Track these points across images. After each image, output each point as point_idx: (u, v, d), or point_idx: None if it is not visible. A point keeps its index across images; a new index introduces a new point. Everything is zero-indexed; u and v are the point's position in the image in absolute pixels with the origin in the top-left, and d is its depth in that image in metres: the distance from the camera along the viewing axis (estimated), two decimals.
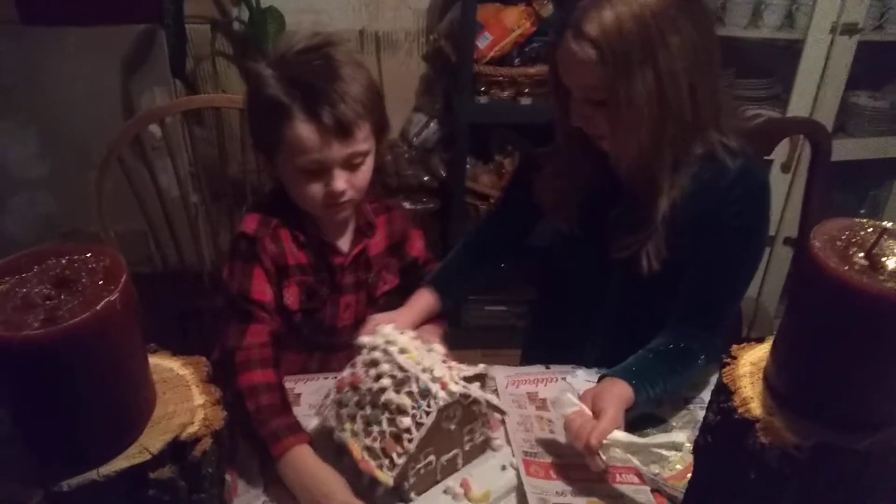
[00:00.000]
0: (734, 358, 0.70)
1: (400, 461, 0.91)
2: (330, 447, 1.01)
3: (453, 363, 1.01)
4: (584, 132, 1.13)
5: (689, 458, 0.96)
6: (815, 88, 2.14)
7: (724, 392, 0.67)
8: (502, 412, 1.04)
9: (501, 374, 1.23)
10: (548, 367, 1.26)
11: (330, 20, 2.28)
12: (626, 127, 1.05)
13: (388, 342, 1.01)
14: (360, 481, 0.96)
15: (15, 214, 2.12)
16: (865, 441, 0.60)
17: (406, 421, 0.92)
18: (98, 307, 0.55)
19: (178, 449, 0.60)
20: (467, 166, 2.20)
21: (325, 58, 1.09)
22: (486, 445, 1.05)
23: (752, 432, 0.63)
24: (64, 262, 0.60)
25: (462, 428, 0.99)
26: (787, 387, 0.64)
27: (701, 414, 1.08)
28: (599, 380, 1.09)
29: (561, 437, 1.08)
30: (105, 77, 2.02)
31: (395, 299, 1.32)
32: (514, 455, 1.05)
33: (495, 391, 1.18)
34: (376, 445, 0.94)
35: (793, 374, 0.64)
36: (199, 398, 0.64)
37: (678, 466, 1.03)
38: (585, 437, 0.95)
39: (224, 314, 1.16)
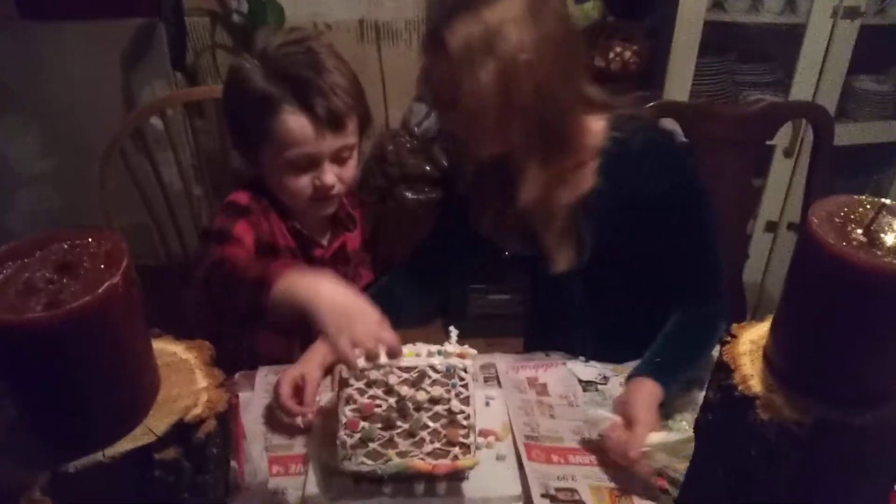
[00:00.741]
0: (734, 336, 0.71)
1: (471, 440, 0.91)
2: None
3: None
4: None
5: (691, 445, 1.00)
6: (817, 73, 2.14)
7: (724, 370, 0.67)
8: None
9: (501, 360, 1.23)
10: (547, 355, 1.26)
11: (329, 10, 2.28)
12: (477, 124, 1.04)
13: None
14: (434, 490, 0.94)
15: (19, 210, 2.14)
16: (864, 416, 0.61)
17: (453, 405, 0.92)
18: (100, 290, 0.55)
19: (182, 431, 0.61)
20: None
21: (309, 50, 1.09)
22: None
23: (752, 409, 0.63)
24: (65, 247, 0.60)
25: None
26: (787, 363, 0.65)
27: (699, 396, 1.10)
28: (627, 380, 1.09)
29: (560, 422, 1.09)
30: (105, 71, 2.03)
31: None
32: (515, 440, 1.06)
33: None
34: (437, 445, 0.91)
35: (792, 350, 0.65)
36: (202, 381, 0.65)
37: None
38: (623, 451, 0.97)
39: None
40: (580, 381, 1.18)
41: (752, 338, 0.71)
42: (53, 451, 0.59)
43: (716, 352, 1.14)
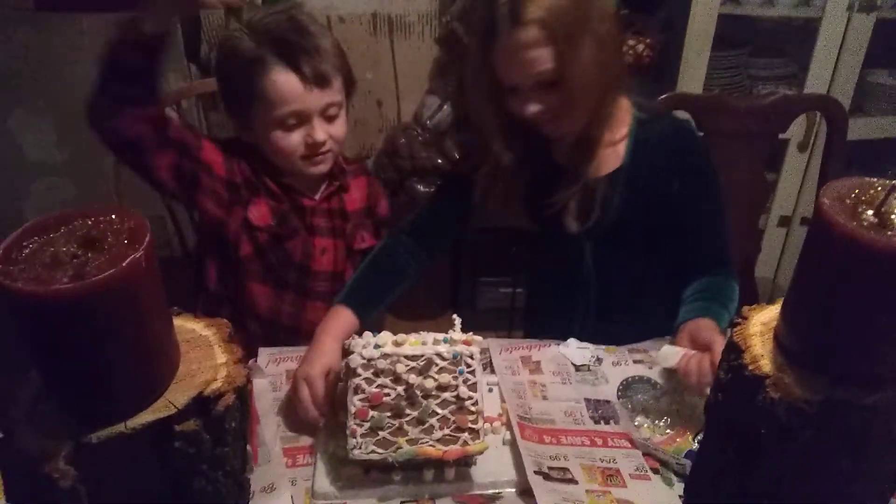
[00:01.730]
0: (745, 318, 0.72)
1: (479, 425, 0.94)
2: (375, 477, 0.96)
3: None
4: (519, 125, 1.17)
5: (679, 423, 1.06)
6: (831, 67, 2.13)
7: (734, 350, 0.68)
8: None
9: (495, 343, 1.25)
10: (541, 340, 1.27)
11: (342, 3, 2.29)
12: (581, 97, 1.11)
13: (378, 346, 0.97)
14: (443, 476, 0.96)
15: (34, 200, 2.17)
16: (873, 396, 0.61)
17: (461, 391, 0.93)
18: (124, 264, 0.57)
19: (202, 404, 0.62)
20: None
21: (292, 18, 1.16)
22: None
23: (763, 388, 0.64)
24: (90, 222, 0.62)
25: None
26: (797, 343, 0.66)
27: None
28: (675, 328, 1.15)
29: (552, 404, 1.11)
30: None
31: None
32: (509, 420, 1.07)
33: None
34: (447, 431, 0.93)
35: (802, 330, 0.66)
36: (221, 357, 0.67)
37: (668, 431, 1.06)
38: (710, 370, 1.00)
39: None
40: (573, 364, 1.20)
41: (763, 319, 0.72)
42: (76, 422, 0.61)
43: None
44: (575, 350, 1.22)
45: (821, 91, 2.14)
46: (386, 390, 0.94)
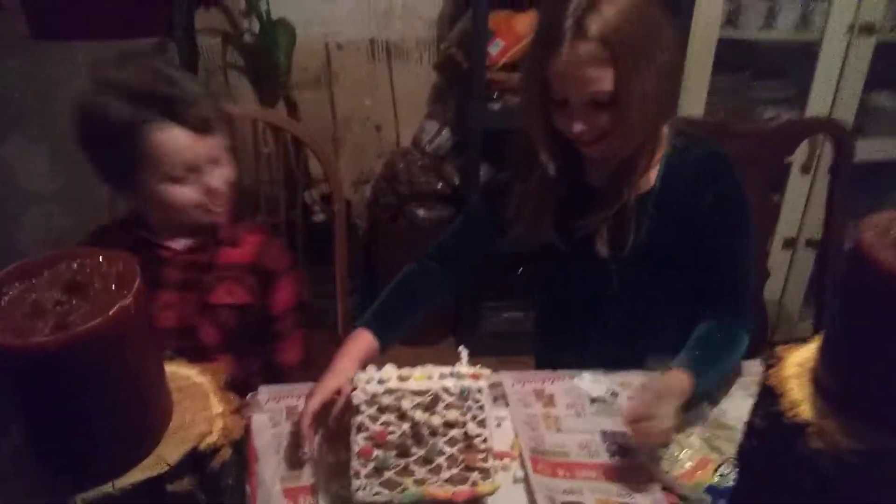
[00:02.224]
0: (779, 359, 0.67)
1: (489, 464, 0.89)
2: None
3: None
4: (562, 141, 1.13)
5: (699, 456, 1.00)
6: (832, 90, 2.10)
7: (770, 395, 0.63)
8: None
9: (508, 377, 1.19)
10: (555, 371, 1.22)
11: (340, 30, 2.26)
12: (632, 123, 1.06)
13: (382, 381, 0.92)
14: None
15: (29, 229, 2.11)
16: None
17: (470, 428, 0.89)
18: (110, 312, 0.52)
19: (196, 460, 0.57)
20: (480, 173, 2.16)
21: (156, 70, 1.10)
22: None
23: (803, 437, 0.59)
24: (75, 266, 0.57)
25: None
26: (839, 387, 0.60)
27: (708, 411, 1.10)
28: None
29: (567, 436, 1.06)
30: None
31: (242, 324, 1.23)
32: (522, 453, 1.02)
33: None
34: (455, 471, 0.89)
35: (844, 374, 0.60)
36: (217, 406, 0.61)
37: (688, 464, 1.01)
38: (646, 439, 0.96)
39: None
40: (588, 396, 1.15)
41: (798, 360, 0.66)
42: (60, 481, 0.55)
43: (750, 371, 1.17)
44: (590, 383, 1.17)
45: (822, 113, 2.10)
46: (391, 428, 0.89)
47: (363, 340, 1.12)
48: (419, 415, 0.89)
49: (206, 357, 1.17)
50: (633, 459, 1.03)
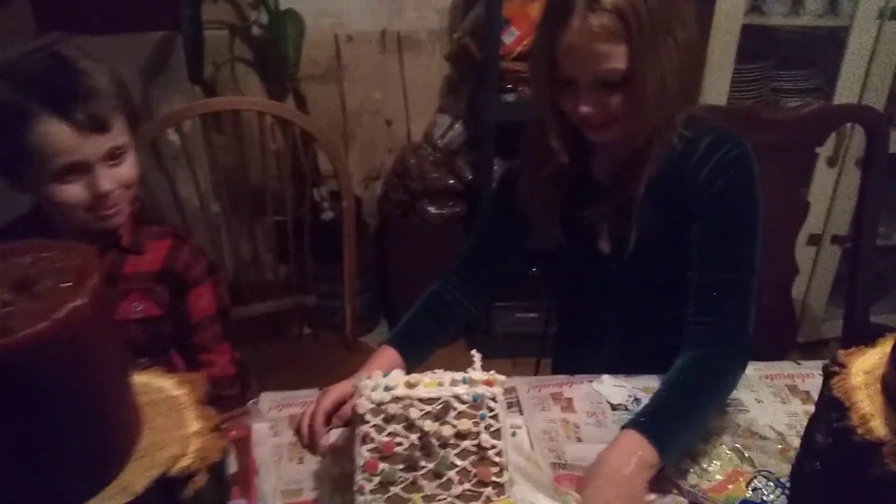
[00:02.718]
0: (843, 366, 0.56)
1: (504, 478, 0.81)
2: None
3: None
4: (568, 128, 1.04)
5: (730, 468, 0.92)
6: (861, 78, 1.98)
7: (836, 408, 0.53)
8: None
9: (522, 382, 1.11)
10: (572, 375, 1.14)
11: (351, 21, 2.18)
12: (646, 107, 0.96)
13: (388, 388, 0.84)
14: None
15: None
16: None
17: (483, 439, 0.81)
18: (61, 314, 0.43)
19: (167, 487, 0.48)
20: (494, 168, 2.07)
21: (57, 55, 0.99)
22: None
23: (878, 457, 0.49)
24: (28, 260, 0.48)
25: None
26: None
27: (741, 417, 1.01)
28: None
29: (589, 447, 0.96)
30: None
31: (153, 340, 1.16)
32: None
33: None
34: (467, 486, 0.81)
35: None
36: (193, 424, 0.52)
37: (718, 477, 0.92)
38: None
39: None
40: (609, 403, 1.07)
41: (864, 367, 0.56)
42: None
43: (803, 390, 1.05)
44: (610, 388, 1.08)
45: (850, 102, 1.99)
46: (398, 439, 0.81)
47: (388, 356, 1.06)
48: (428, 425, 0.81)
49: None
50: (658, 473, 0.93)
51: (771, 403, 1.05)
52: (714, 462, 0.95)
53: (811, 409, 1.03)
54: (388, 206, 2.29)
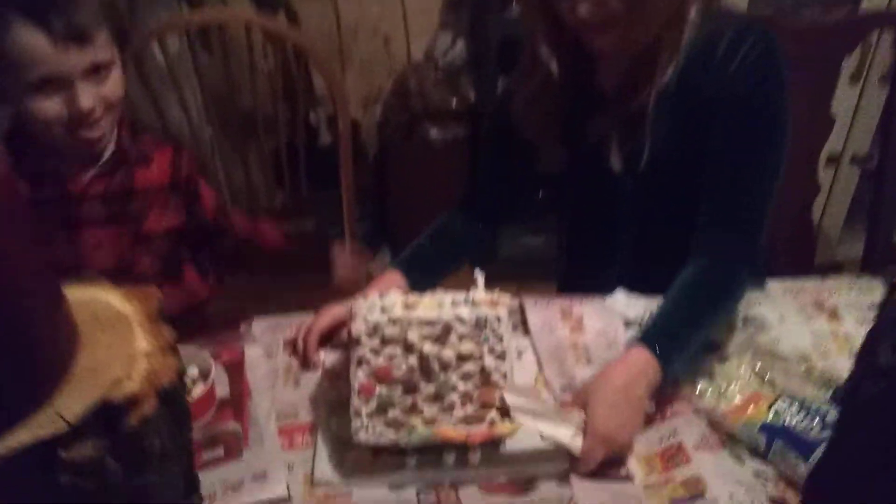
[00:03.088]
0: None
1: (509, 398, 0.77)
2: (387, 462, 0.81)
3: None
4: (569, 35, 0.94)
5: (750, 391, 0.85)
6: None
7: None
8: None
9: (529, 299, 1.05)
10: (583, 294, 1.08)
11: None
12: (649, 6, 0.87)
13: (384, 309, 0.79)
14: (466, 460, 0.79)
15: None
16: None
17: (486, 361, 0.77)
18: None
19: (108, 414, 0.40)
20: (499, 87, 1.97)
21: None
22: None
23: None
24: None
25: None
26: None
27: (761, 337, 0.94)
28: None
29: (599, 368, 0.90)
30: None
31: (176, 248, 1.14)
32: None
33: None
34: (470, 410, 0.77)
35: None
36: (142, 342, 0.43)
37: (736, 399, 0.85)
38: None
39: None
40: (624, 319, 1.00)
41: None
42: None
43: (830, 306, 0.97)
44: (624, 304, 1.00)
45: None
46: (396, 361, 0.77)
47: (394, 279, 1.01)
48: (428, 347, 0.76)
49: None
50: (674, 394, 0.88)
51: (794, 321, 0.97)
52: (733, 383, 0.88)
53: (838, 328, 0.97)
54: (387, 131, 2.19)
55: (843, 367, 0.91)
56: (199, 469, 0.78)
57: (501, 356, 0.77)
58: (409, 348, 0.76)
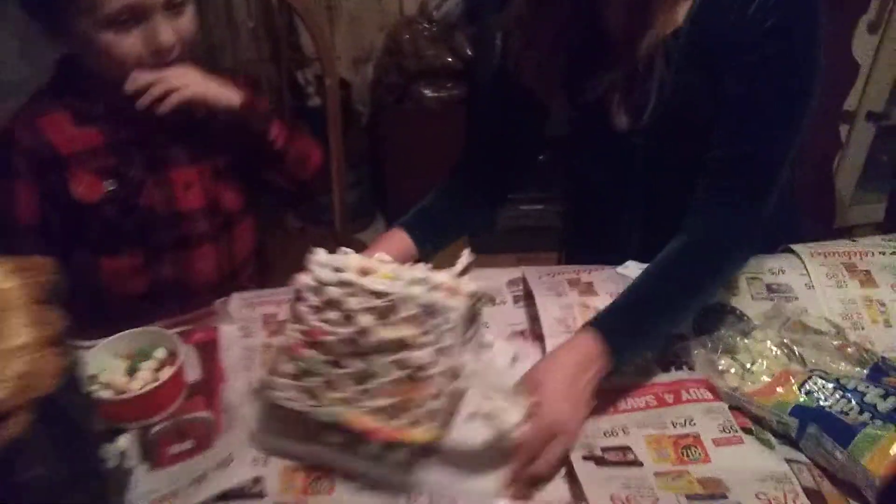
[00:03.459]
0: None
1: (437, 405, 0.67)
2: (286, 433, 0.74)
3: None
4: None
5: (777, 368, 0.77)
6: None
7: None
8: (492, 298, 0.85)
9: (532, 271, 0.95)
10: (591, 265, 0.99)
11: None
12: None
13: (337, 270, 0.71)
14: (363, 452, 0.71)
15: None
16: None
17: (422, 354, 0.66)
18: None
19: None
20: (497, 42, 1.80)
21: None
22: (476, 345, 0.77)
23: None
24: None
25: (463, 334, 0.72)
26: None
27: (788, 307, 0.85)
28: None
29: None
30: None
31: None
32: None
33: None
34: (390, 401, 0.68)
35: None
36: (23, 333, 0.32)
37: (763, 378, 0.77)
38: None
39: None
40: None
41: None
42: None
43: (863, 269, 0.87)
44: (637, 272, 0.90)
45: None
46: (330, 327, 0.69)
47: (397, 239, 0.94)
48: (367, 321, 0.68)
49: (232, 227, 1.07)
50: (691, 373, 0.79)
51: (824, 288, 0.88)
52: (758, 361, 0.78)
53: (871, 293, 0.88)
54: (380, 92, 2.10)
55: (878, 338, 0.82)
56: (167, 465, 0.72)
57: (446, 352, 0.67)
58: (348, 317, 0.68)
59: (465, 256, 0.73)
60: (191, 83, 0.93)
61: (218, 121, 0.99)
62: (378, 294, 0.68)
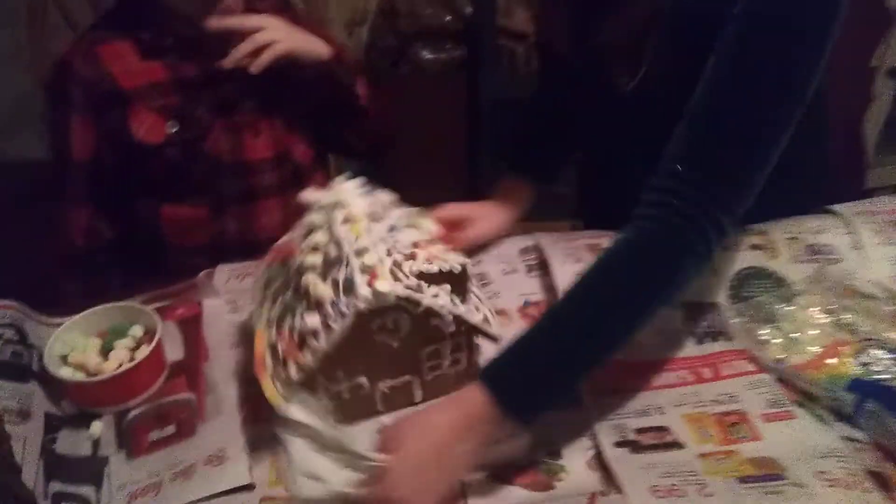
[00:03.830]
0: None
1: (297, 375, 0.63)
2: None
3: (432, 251, 0.65)
4: None
5: (828, 339, 0.68)
6: None
7: None
8: (493, 337, 0.68)
9: (546, 237, 0.88)
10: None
11: None
12: None
13: (337, 203, 0.67)
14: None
15: None
16: None
17: (315, 320, 0.62)
18: None
19: None
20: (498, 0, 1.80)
21: None
22: (465, 378, 0.66)
23: None
24: None
25: (419, 349, 0.66)
26: None
27: (832, 271, 0.76)
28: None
29: None
30: None
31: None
32: None
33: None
34: (279, 346, 0.65)
35: None
36: None
37: (812, 349, 0.69)
38: None
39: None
40: None
41: None
42: None
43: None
44: None
45: None
46: (299, 252, 0.67)
47: (512, 190, 0.94)
48: (313, 261, 0.65)
49: (301, 182, 0.99)
50: (728, 344, 0.72)
51: (872, 247, 0.80)
52: (805, 331, 0.71)
53: None
54: (375, 55, 1.99)
55: None
56: (146, 453, 0.66)
57: (328, 330, 0.61)
58: (310, 250, 0.65)
59: (459, 262, 0.65)
60: (281, 38, 0.87)
61: (305, 72, 0.92)
62: (337, 244, 0.64)
